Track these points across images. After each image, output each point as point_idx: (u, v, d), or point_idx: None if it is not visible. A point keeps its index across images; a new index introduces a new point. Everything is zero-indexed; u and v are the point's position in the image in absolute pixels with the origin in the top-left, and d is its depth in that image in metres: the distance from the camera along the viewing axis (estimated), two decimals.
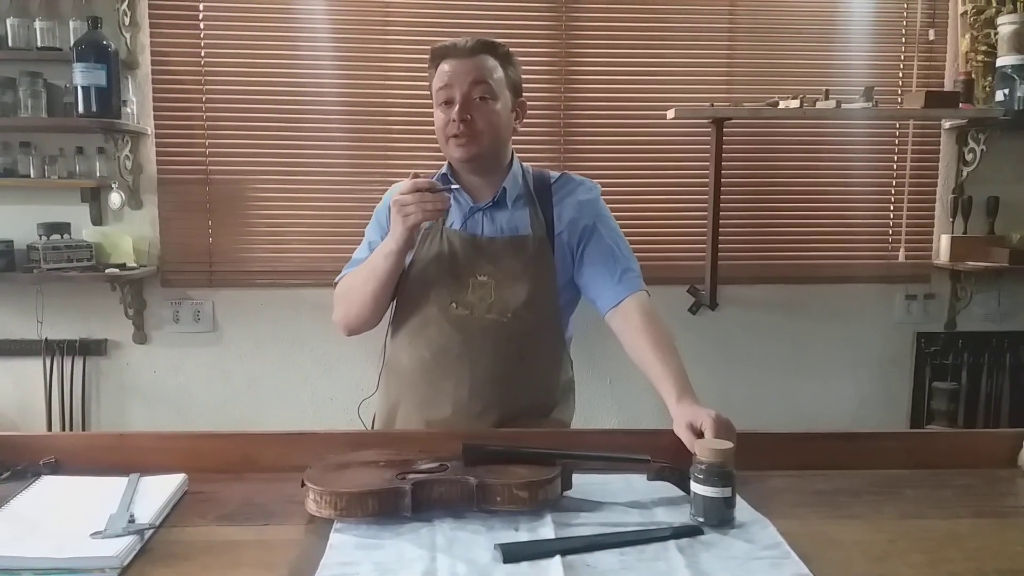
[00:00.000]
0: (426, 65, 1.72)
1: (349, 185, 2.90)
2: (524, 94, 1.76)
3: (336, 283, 1.76)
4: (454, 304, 1.63)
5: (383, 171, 2.89)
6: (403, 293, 1.70)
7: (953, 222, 3.04)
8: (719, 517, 1.10)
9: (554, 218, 1.70)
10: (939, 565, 1.01)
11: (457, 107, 1.60)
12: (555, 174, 1.78)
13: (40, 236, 2.72)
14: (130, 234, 2.86)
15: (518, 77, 1.71)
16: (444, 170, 1.73)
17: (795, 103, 2.72)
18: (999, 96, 2.84)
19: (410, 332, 1.69)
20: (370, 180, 2.89)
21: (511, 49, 1.71)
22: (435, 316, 1.64)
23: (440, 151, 1.71)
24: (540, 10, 2.94)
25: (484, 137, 1.63)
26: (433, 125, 1.69)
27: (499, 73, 1.65)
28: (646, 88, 2.98)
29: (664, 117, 2.85)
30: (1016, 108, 2.80)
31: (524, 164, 1.77)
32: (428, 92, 1.70)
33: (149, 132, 2.86)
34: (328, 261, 1.66)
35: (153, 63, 2.85)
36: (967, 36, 2.96)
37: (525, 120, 1.78)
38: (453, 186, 1.61)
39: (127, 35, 2.80)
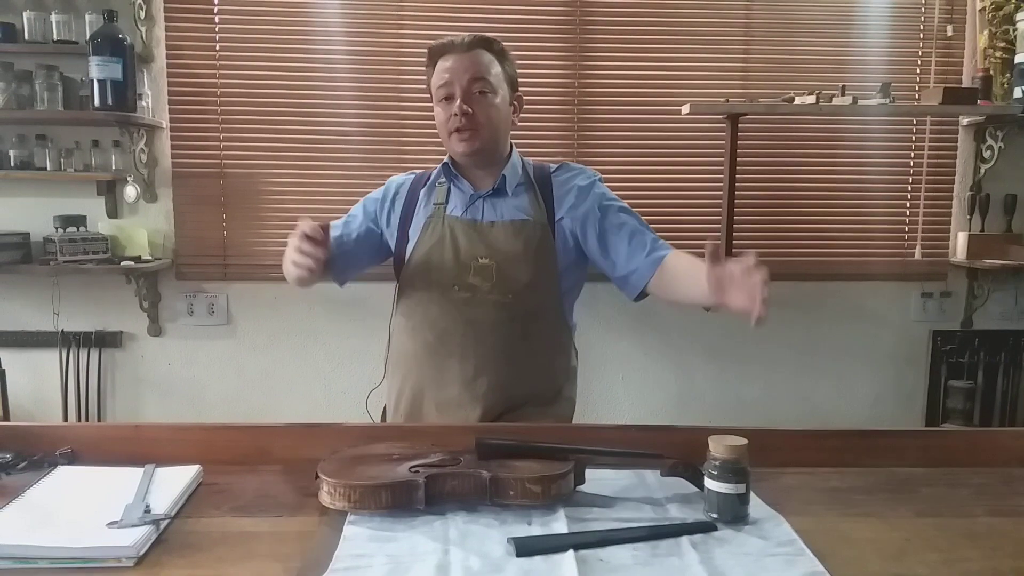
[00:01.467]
0: None
1: (362, 179, 2.89)
2: (538, 89, 1.79)
3: None
4: (456, 287, 1.66)
5: (396, 165, 2.89)
6: (405, 279, 1.74)
7: (970, 220, 3.02)
8: (733, 513, 1.10)
9: (555, 204, 1.73)
10: (955, 564, 1.00)
11: (458, 101, 1.65)
12: (554, 165, 1.83)
13: (56, 228, 2.75)
14: (145, 227, 2.88)
15: (514, 72, 1.75)
16: (446, 160, 1.77)
17: (811, 99, 2.70)
18: (1017, 93, 2.81)
19: (414, 316, 1.72)
20: (383, 174, 2.83)
21: (518, 45, 1.75)
22: (438, 299, 1.68)
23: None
24: (554, 5, 2.93)
25: (485, 130, 1.67)
26: None
27: (496, 68, 1.69)
28: (660, 84, 2.97)
29: (679, 113, 2.84)
30: None
31: (523, 157, 1.82)
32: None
33: (164, 125, 2.88)
34: None
35: (168, 57, 2.86)
36: (985, 32, 2.94)
37: (539, 116, 1.81)
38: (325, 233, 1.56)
39: (143, 29, 2.81)
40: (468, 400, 1.65)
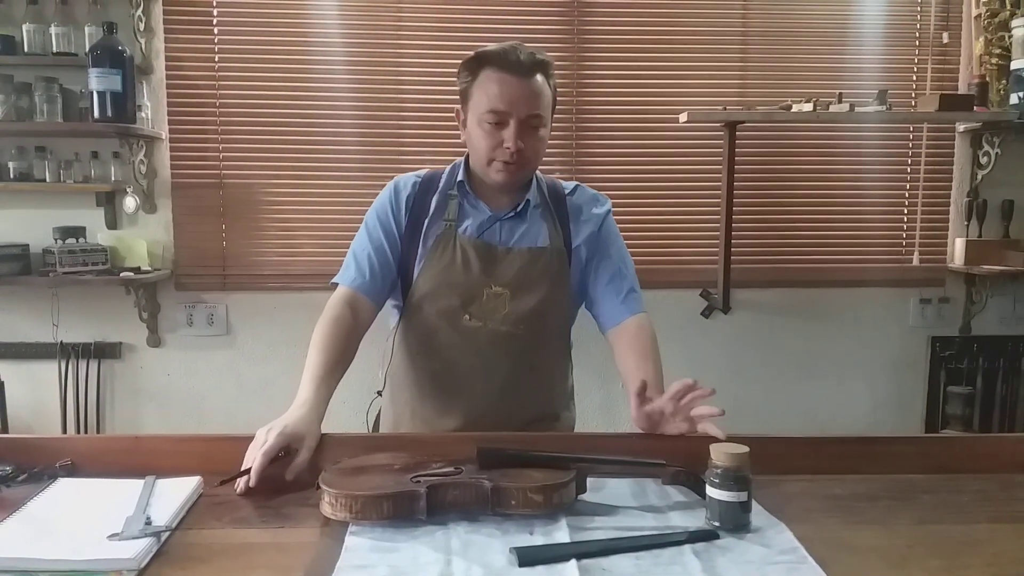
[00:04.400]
0: (435, 70, 1.67)
1: (361, 188, 2.90)
2: None
3: (332, 283, 1.68)
4: (467, 316, 1.58)
5: (395, 174, 2.88)
6: (412, 300, 1.64)
7: (968, 226, 3.03)
8: (735, 521, 1.10)
9: (572, 232, 1.66)
10: (957, 571, 1.00)
11: (513, 135, 1.52)
12: (568, 185, 1.73)
13: (56, 240, 2.75)
14: (144, 238, 2.88)
15: (555, 91, 1.65)
16: (460, 176, 1.65)
17: (808, 106, 2.71)
18: (1014, 99, 2.83)
19: (419, 341, 1.65)
20: (382, 183, 2.89)
21: None
22: (445, 327, 1.60)
23: (450, 153, 1.67)
24: (552, 13, 2.94)
25: (531, 165, 1.59)
26: (443, 128, 1.66)
27: (548, 94, 1.58)
28: (658, 92, 2.99)
29: (677, 121, 2.85)
30: None
31: (538, 174, 1.71)
32: (441, 95, 1.66)
33: (163, 137, 2.88)
34: (340, 265, 1.71)
35: (167, 68, 2.87)
36: (981, 39, 2.95)
37: None
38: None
39: (142, 41, 2.82)
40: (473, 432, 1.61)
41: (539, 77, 1.56)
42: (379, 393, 1.81)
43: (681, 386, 1.37)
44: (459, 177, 1.66)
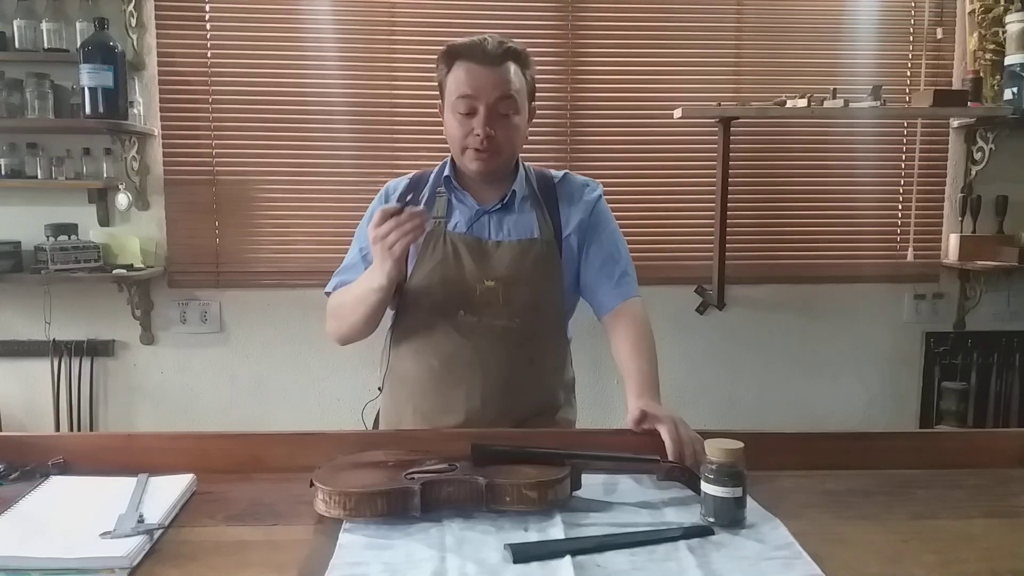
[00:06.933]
0: (429, 66, 1.67)
1: (355, 185, 2.90)
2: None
3: (327, 293, 1.69)
4: (462, 311, 1.59)
5: (389, 171, 2.88)
6: (406, 299, 1.65)
7: (962, 221, 3.04)
8: (730, 517, 1.10)
9: (561, 221, 1.66)
10: (951, 566, 1.00)
11: (481, 121, 1.53)
12: (557, 173, 1.74)
13: (47, 237, 2.74)
14: (137, 235, 2.87)
15: (534, 79, 1.65)
16: (447, 171, 1.66)
17: (803, 102, 2.72)
18: (1007, 95, 2.83)
19: (416, 340, 1.65)
20: (376, 180, 2.87)
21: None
22: (442, 324, 1.60)
23: (444, 149, 1.67)
24: (546, 9, 2.94)
25: (504, 152, 1.58)
26: (438, 124, 1.66)
27: (521, 81, 1.58)
28: (653, 88, 2.98)
29: (671, 117, 2.85)
30: None
31: (526, 164, 1.73)
32: (435, 91, 1.67)
33: (156, 133, 2.87)
34: (334, 262, 1.70)
35: (159, 64, 2.86)
36: (975, 35, 2.95)
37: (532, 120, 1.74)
38: (409, 204, 1.47)
39: (133, 36, 2.81)
40: (474, 427, 1.61)
41: (509, 65, 1.57)
42: (380, 390, 1.80)
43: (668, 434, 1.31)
44: (446, 172, 1.67)
